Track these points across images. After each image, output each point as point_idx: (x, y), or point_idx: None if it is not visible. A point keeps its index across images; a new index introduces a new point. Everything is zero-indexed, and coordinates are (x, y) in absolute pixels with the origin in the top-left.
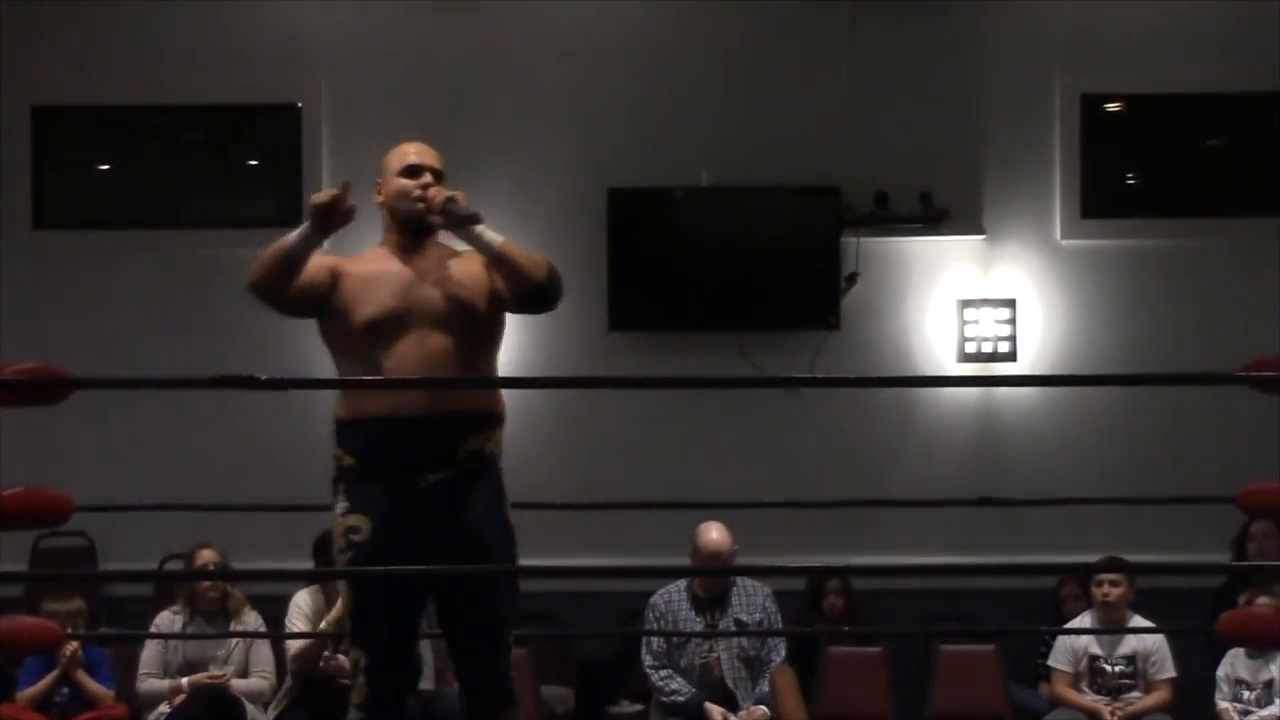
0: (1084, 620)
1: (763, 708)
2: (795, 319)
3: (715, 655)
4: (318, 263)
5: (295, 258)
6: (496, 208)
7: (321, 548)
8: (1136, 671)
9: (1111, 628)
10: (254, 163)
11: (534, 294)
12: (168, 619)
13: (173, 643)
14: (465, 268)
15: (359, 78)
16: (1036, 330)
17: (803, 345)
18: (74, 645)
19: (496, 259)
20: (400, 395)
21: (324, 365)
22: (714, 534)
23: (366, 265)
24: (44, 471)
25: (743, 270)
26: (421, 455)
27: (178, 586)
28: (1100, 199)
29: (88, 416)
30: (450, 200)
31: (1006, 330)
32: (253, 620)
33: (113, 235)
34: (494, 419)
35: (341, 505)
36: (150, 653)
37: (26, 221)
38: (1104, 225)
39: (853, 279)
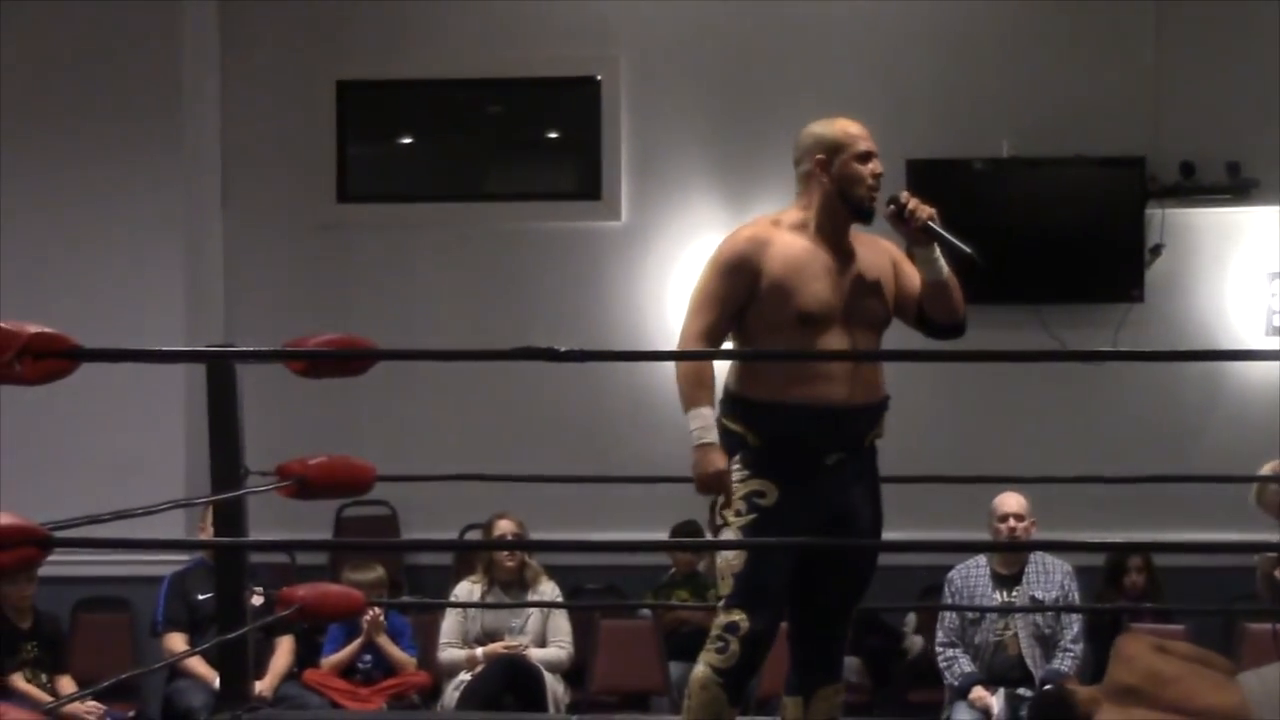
0: None
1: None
2: (1098, 291)
3: (1012, 633)
4: (738, 284)
5: None
6: (793, 183)
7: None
8: None
9: None
10: (554, 136)
11: (950, 326)
12: (466, 588)
13: (471, 612)
14: (880, 263)
15: (659, 51)
16: None
17: (1106, 318)
18: (376, 610)
19: (940, 285)
20: (828, 386)
21: (618, 337)
22: (1010, 502)
23: (793, 248)
24: (347, 442)
25: (1044, 242)
26: (835, 442)
27: (477, 556)
28: None
29: (390, 387)
30: (932, 218)
31: None
32: (549, 590)
33: (414, 208)
34: (888, 404)
35: (741, 473)
36: (450, 622)
37: (331, 195)
38: None
39: (1157, 250)
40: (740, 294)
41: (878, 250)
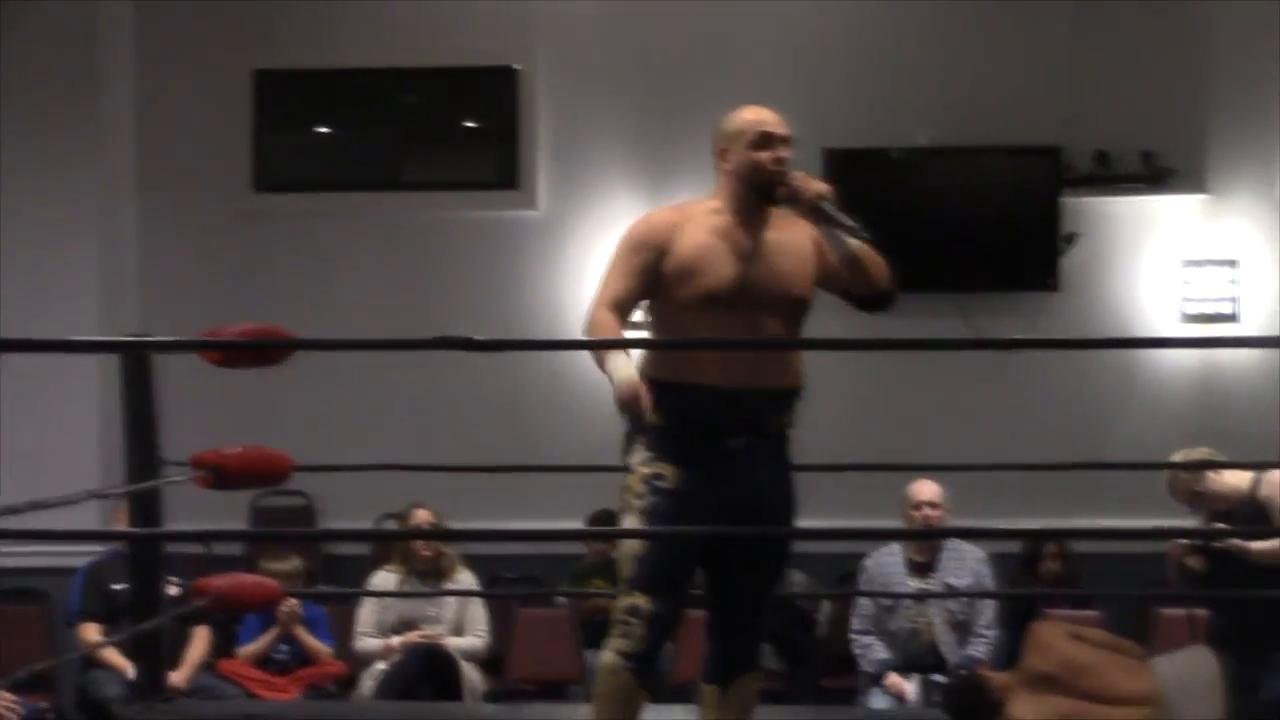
0: None
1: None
2: (1014, 280)
3: (927, 620)
4: (644, 261)
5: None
6: (712, 170)
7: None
8: None
9: None
10: (471, 125)
11: (875, 297)
12: (384, 578)
13: (388, 601)
14: (799, 243)
15: (578, 41)
16: (1260, 291)
17: (1022, 307)
18: (292, 601)
19: (849, 260)
20: (729, 368)
21: (536, 327)
22: (924, 489)
23: (703, 231)
24: (264, 432)
25: (961, 231)
26: (737, 426)
27: (393, 546)
28: None
29: (307, 377)
30: (821, 198)
31: (1229, 291)
32: (466, 579)
33: (331, 198)
34: (801, 393)
35: (643, 455)
36: (367, 611)
37: (248, 184)
38: None
39: (1072, 239)
40: (648, 270)
41: (799, 229)
